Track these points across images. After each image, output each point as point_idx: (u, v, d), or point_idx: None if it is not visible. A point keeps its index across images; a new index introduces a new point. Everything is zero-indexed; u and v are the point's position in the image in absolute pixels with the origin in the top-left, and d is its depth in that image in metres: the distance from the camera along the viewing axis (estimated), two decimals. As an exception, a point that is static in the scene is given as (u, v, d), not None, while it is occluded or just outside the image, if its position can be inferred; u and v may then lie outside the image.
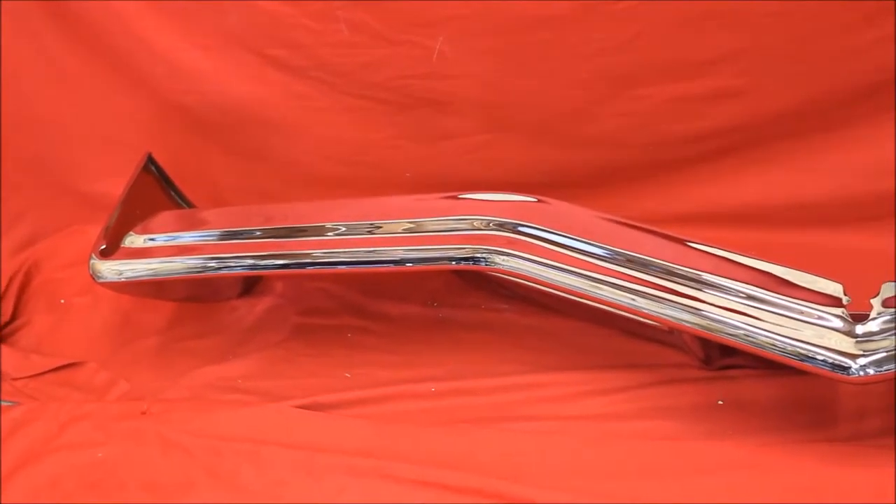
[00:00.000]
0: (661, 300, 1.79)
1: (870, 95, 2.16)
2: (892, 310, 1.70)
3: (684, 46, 2.14)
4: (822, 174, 2.22)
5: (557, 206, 1.92)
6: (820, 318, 1.71)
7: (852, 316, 1.71)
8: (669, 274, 1.80)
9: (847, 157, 2.20)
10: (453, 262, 1.87)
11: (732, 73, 2.15)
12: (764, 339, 1.72)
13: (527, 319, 2.14)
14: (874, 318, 1.70)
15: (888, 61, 2.11)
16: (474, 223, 1.89)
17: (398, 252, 1.92)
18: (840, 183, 2.21)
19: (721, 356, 1.93)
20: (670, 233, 1.89)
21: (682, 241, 1.85)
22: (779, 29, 2.11)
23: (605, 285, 1.81)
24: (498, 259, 1.86)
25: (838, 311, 1.71)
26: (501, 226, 1.87)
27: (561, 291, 1.86)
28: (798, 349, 1.70)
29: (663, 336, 1.97)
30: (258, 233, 2.04)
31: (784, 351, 1.71)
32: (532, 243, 1.85)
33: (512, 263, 1.85)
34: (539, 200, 1.92)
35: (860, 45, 2.11)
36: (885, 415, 1.83)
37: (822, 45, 2.11)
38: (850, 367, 1.66)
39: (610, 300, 1.82)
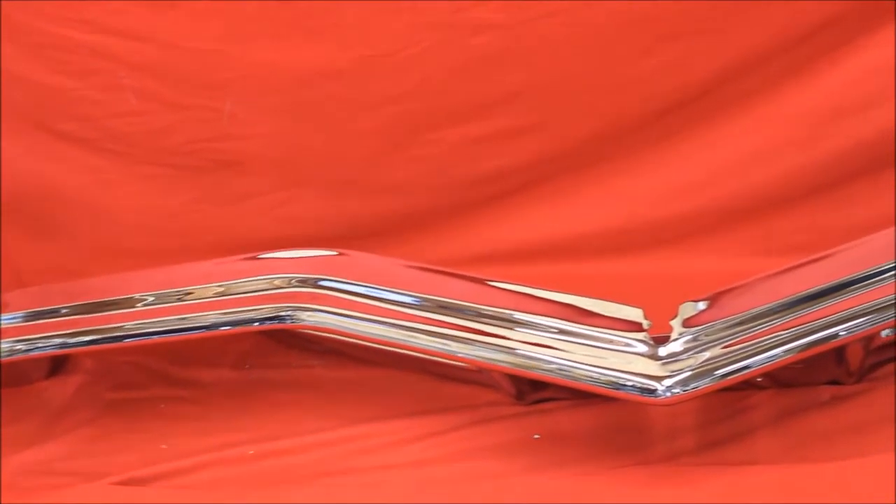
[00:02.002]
0: (473, 342, 1.80)
1: (653, 122, 2.22)
2: (693, 329, 1.75)
3: (468, 90, 2.18)
4: (613, 203, 2.27)
5: (358, 257, 1.92)
6: (624, 344, 1.75)
7: (654, 339, 1.74)
8: (479, 315, 1.81)
9: (635, 184, 2.26)
10: (256, 323, 1.87)
11: (519, 112, 2.19)
12: (574, 371, 1.73)
13: (340, 373, 2.13)
14: (676, 339, 1.74)
15: (667, 89, 2.18)
16: (275, 282, 1.89)
17: (210, 317, 1.91)
18: (631, 210, 2.26)
19: (533, 391, 1.94)
20: (473, 274, 1.90)
21: (484, 282, 1.87)
22: (559, 65, 2.17)
23: (416, 332, 1.82)
24: (303, 315, 1.85)
25: (640, 335, 1.74)
26: (303, 282, 1.87)
27: (370, 342, 1.87)
28: (607, 377, 1.72)
29: (474, 376, 1.98)
30: (64, 310, 2.01)
31: (594, 380, 1.73)
32: (336, 296, 1.85)
33: (318, 318, 1.85)
34: (339, 253, 1.92)
35: (639, 75, 2.17)
36: (697, 432, 1.87)
37: (602, 78, 2.17)
38: (657, 390, 1.69)
39: (422, 347, 1.83)
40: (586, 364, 1.75)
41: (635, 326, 1.76)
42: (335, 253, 1.93)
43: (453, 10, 2.13)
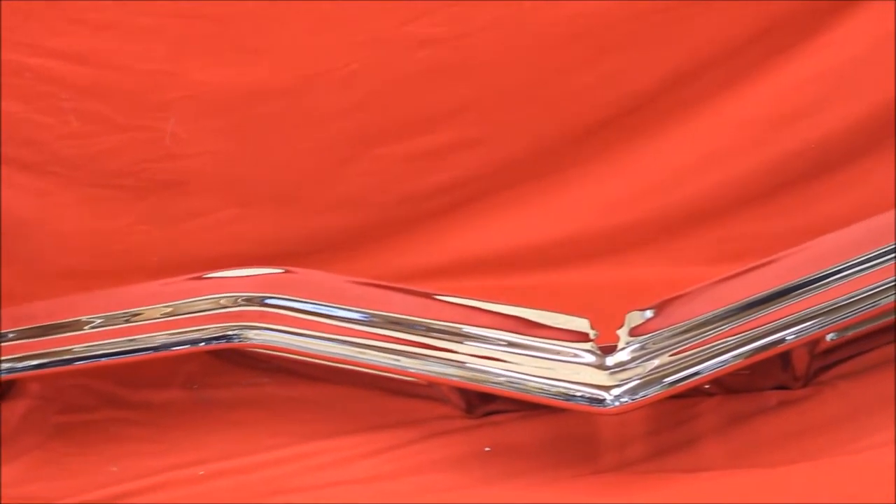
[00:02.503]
0: (423, 357, 1.81)
1: (596, 133, 2.23)
2: (640, 338, 1.76)
3: (413, 104, 2.18)
4: (559, 214, 2.27)
5: (305, 274, 1.93)
6: (571, 355, 1.76)
7: (602, 349, 1.76)
8: (428, 330, 1.82)
9: (580, 195, 2.26)
10: (203, 343, 1.87)
11: (463, 125, 2.20)
12: (524, 383, 1.75)
13: (290, 391, 2.13)
14: (623, 349, 1.75)
15: (609, 100, 2.19)
16: (221, 301, 1.89)
17: (158, 338, 1.91)
18: (576, 221, 2.27)
19: (482, 403, 1.94)
20: (420, 289, 1.92)
21: (431, 296, 1.88)
22: (502, 78, 2.17)
23: (366, 348, 1.83)
24: (250, 334, 1.86)
25: (588, 345, 1.76)
26: (249, 300, 1.88)
27: (319, 359, 1.88)
28: (557, 388, 1.73)
29: (424, 390, 1.98)
30: (11, 335, 1.99)
31: (544, 392, 1.74)
32: (283, 314, 1.86)
33: (266, 337, 1.85)
34: (286, 271, 1.93)
35: (582, 85, 2.18)
36: (646, 440, 1.88)
37: (545, 90, 2.18)
38: (605, 400, 1.70)
39: (372, 363, 1.84)
40: (535, 376, 1.76)
41: (582, 337, 1.77)
42: (282, 271, 1.94)
43: (396, 25, 2.13)
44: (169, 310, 1.93)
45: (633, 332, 1.77)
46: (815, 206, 2.22)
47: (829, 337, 1.88)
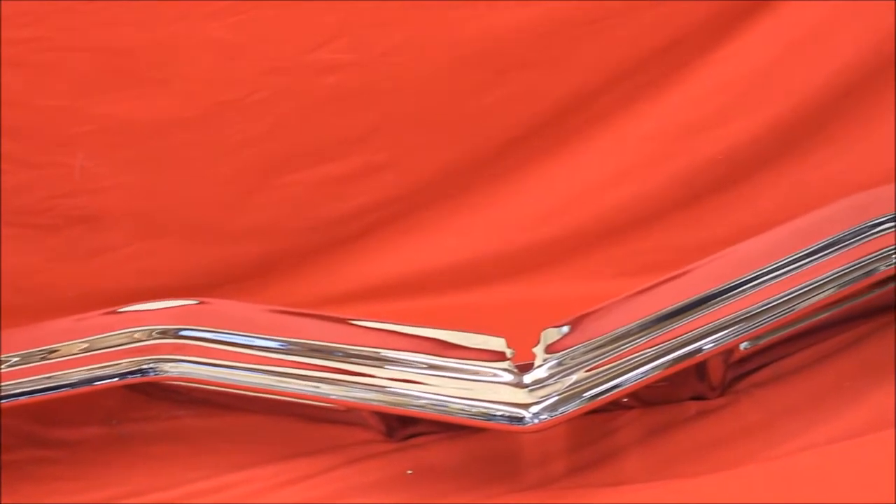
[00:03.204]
0: (344, 383, 1.80)
1: (506, 152, 2.24)
2: (557, 354, 1.76)
3: (321, 130, 2.18)
4: (472, 234, 2.28)
5: (219, 304, 1.92)
6: (489, 374, 1.76)
7: (519, 367, 1.76)
8: (347, 355, 1.81)
9: (493, 214, 2.27)
10: (117, 378, 1.85)
11: (375, 149, 2.20)
12: (445, 405, 1.75)
13: (210, 422, 2.10)
14: (540, 366, 1.75)
15: (517, 119, 2.20)
16: (135, 335, 1.87)
17: (76, 374, 1.87)
18: (490, 240, 2.28)
19: (402, 427, 1.94)
20: (337, 315, 1.91)
21: (348, 322, 1.88)
22: (409, 101, 2.18)
23: (285, 377, 1.81)
24: (166, 367, 1.83)
25: (505, 364, 1.76)
26: (164, 333, 1.85)
27: (236, 389, 1.86)
28: (477, 409, 1.73)
29: (344, 416, 1.97)
30: (-77, 378, 1.97)
31: (465, 413, 1.74)
32: (198, 345, 1.83)
33: (182, 369, 1.83)
34: (200, 302, 1.92)
35: (488, 106, 2.18)
36: (568, 456, 1.89)
37: (453, 111, 2.18)
38: (524, 418, 1.70)
39: (292, 391, 1.82)
40: (456, 397, 1.76)
41: (499, 356, 1.77)
42: (195, 302, 1.92)
43: (302, 52, 2.13)
44: (85, 345, 1.91)
45: (550, 349, 1.77)
46: (725, 216, 2.24)
47: (743, 346, 1.90)
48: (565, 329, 1.80)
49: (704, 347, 1.75)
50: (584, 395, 1.73)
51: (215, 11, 2.11)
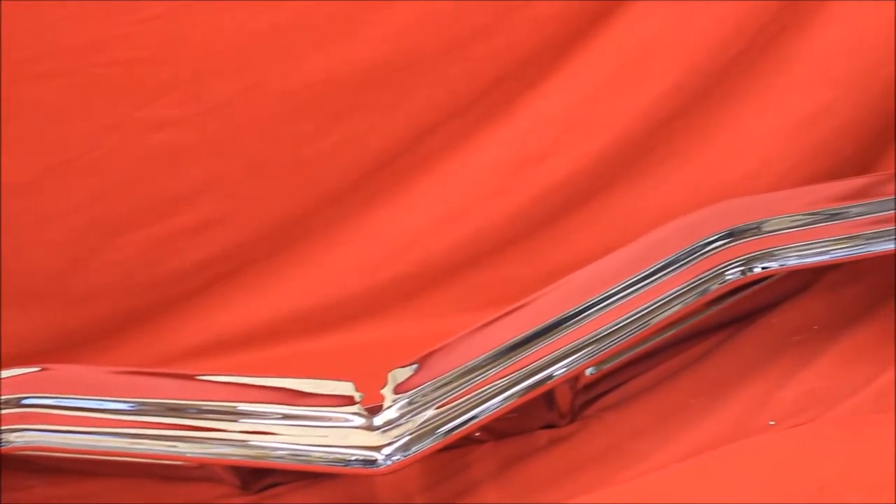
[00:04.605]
0: (200, 440, 1.78)
1: (341, 197, 2.23)
2: (406, 394, 1.77)
3: (157, 187, 2.14)
4: (314, 280, 2.26)
5: (62, 369, 1.87)
6: (341, 420, 1.76)
7: (369, 410, 1.76)
8: (200, 412, 1.79)
9: (333, 259, 2.26)
10: (-41, 454, 1.81)
11: (210, 203, 2.17)
12: (302, 454, 1.74)
13: (62, 490, 2.04)
14: (390, 406, 1.76)
15: (351, 163, 2.20)
16: (-26, 407, 1.84)
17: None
18: (332, 285, 2.26)
19: (257, 479, 1.93)
20: (185, 371, 1.90)
21: (194, 378, 1.86)
22: (243, 152, 2.16)
23: (138, 438, 1.78)
24: (12, 437, 1.79)
25: (354, 408, 1.76)
26: (7, 403, 1.80)
27: (87, 454, 1.83)
28: (333, 455, 1.74)
29: (198, 473, 1.95)
30: None
31: (323, 460, 1.74)
32: (44, 413, 1.79)
33: (29, 438, 1.79)
34: (42, 368, 1.87)
35: (322, 152, 2.17)
36: (424, 495, 1.90)
37: (287, 159, 2.17)
38: (377, 460, 1.71)
39: (147, 452, 1.79)
40: (311, 445, 1.75)
41: (348, 401, 1.77)
42: (37, 369, 1.87)
43: (131, 109, 2.10)
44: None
45: (399, 389, 1.78)
46: (564, 243, 2.27)
47: (588, 371, 1.93)
48: (413, 368, 1.80)
49: (554, 374, 1.78)
50: (437, 431, 1.75)
51: (42, 73, 2.08)
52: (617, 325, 1.83)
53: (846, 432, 1.88)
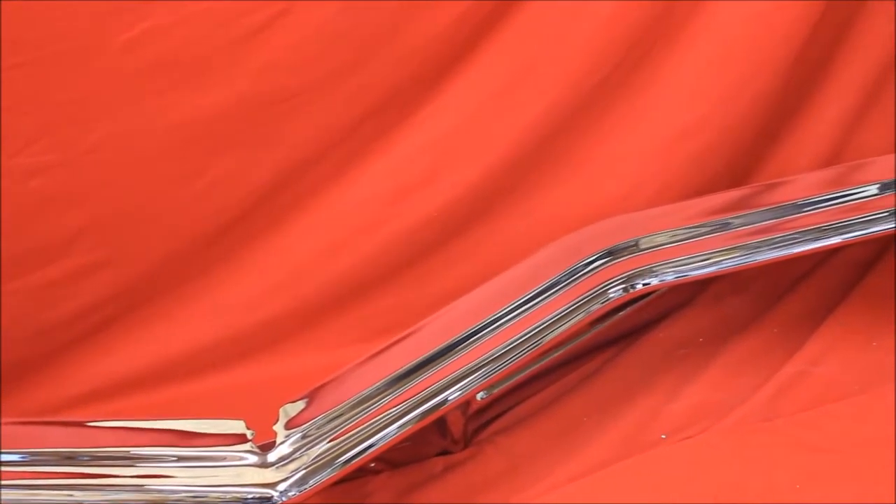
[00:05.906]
0: (97, 487, 1.76)
1: (222, 235, 2.21)
2: (298, 428, 1.78)
3: (34, 235, 2.11)
4: (199, 320, 2.24)
5: (-51, 426, 1.85)
6: (235, 459, 1.76)
7: (261, 447, 1.76)
8: (94, 458, 1.77)
9: (217, 298, 2.24)
10: None
11: (90, 247, 2.13)
12: (201, 495, 1.74)
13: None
14: (283, 442, 1.77)
15: (230, 201, 2.18)
16: None
17: None
18: (218, 323, 2.25)
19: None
20: (75, 419, 1.88)
21: (85, 424, 1.84)
22: (119, 196, 2.13)
23: (34, 489, 1.75)
24: None
25: (247, 446, 1.76)
26: None
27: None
28: (231, 494, 1.73)
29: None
30: None
31: (222, 501, 1.73)
32: (-67, 472, 1.77)
33: None
34: (-76, 428, 1.85)
35: (199, 192, 2.15)
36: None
37: (164, 201, 2.15)
38: (272, 497, 1.71)
39: (45, 502, 1.75)
40: (209, 486, 1.75)
41: (240, 439, 1.77)
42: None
43: (5, 157, 2.06)
44: None
45: (290, 424, 1.78)
46: (448, 270, 2.28)
47: (479, 395, 1.95)
48: (304, 402, 1.81)
49: (448, 399, 1.80)
50: (332, 464, 1.75)
51: None
52: (505, 347, 1.85)
53: (737, 442, 1.91)
